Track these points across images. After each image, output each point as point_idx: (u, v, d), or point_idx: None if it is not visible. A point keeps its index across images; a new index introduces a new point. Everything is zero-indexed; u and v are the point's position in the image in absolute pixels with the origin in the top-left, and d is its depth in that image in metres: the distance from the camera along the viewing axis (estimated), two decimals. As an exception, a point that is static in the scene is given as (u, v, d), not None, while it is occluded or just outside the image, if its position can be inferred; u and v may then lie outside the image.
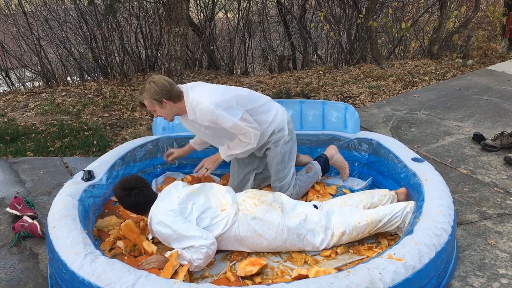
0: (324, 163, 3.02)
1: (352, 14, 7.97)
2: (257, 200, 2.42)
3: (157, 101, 2.49)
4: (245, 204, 2.40)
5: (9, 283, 2.30)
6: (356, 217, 2.40)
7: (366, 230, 2.39)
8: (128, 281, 1.80)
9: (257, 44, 10.13)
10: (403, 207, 2.43)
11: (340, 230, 2.37)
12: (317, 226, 2.37)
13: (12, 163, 3.70)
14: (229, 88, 2.63)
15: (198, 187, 2.45)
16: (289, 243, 2.36)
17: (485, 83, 5.69)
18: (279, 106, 2.80)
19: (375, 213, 2.41)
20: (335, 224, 2.39)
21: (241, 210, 2.36)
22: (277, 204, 2.42)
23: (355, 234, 2.39)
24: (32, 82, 7.78)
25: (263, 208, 2.37)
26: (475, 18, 7.87)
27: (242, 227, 2.32)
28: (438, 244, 2.03)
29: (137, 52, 7.58)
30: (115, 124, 4.72)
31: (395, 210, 2.41)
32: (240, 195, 2.49)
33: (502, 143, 3.73)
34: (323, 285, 1.77)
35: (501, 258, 2.41)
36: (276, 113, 2.72)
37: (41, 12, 7.29)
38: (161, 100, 2.48)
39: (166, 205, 2.28)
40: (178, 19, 4.36)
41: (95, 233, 2.54)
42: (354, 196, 2.67)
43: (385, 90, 5.68)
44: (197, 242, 2.16)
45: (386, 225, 2.40)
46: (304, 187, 2.91)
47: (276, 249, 2.39)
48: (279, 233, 2.33)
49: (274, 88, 6.00)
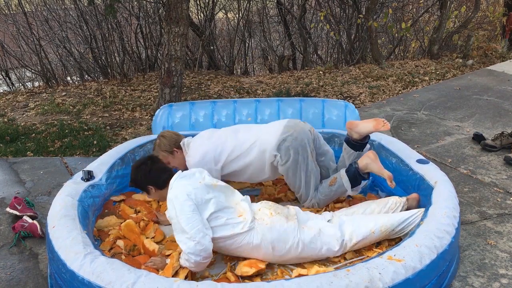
0: (354, 174, 2.70)
1: (352, 14, 7.97)
2: (273, 211, 2.35)
3: (168, 152, 2.83)
4: (261, 213, 2.33)
5: (9, 283, 2.30)
6: (370, 227, 2.33)
7: (379, 238, 2.37)
8: (128, 280, 1.80)
9: (257, 44, 10.13)
10: (416, 214, 2.39)
11: (354, 241, 2.30)
12: (333, 239, 2.30)
13: (12, 163, 3.70)
14: (213, 147, 2.75)
15: (221, 186, 2.39)
16: (303, 257, 2.29)
17: (485, 83, 5.69)
18: (268, 136, 2.74)
19: (389, 222, 2.35)
20: (348, 234, 2.31)
21: (257, 219, 2.30)
22: (291, 217, 2.35)
23: (368, 242, 2.35)
24: (32, 82, 7.79)
25: (279, 219, 2.30)
26: (475, 18, 7.86)
27: (257, 236, 2.25)
28: (439, 246, 2.02)
29: (137, 52, 7.59)
30: (115, 124, 4.72)
31: (408, 217, 2.37)
32: (256, 204, 2.43)
33: (502, 143, 3.73)
34: (322, 283, 1.77)
35: (501, 258, 2.41)
36: (257, 153, 2.73)
37: (41, 12, 7.29)
38: (172, 150, 2.82)
39: (186, 183, 2.26)
40: (178, 19, 4.36)
41: (95, 233, 2.54)
42: (364, 205, 2.59)
43: (385, 90, 5.68)
44: (187, 245, 2.09)
45: (397, 233, 2.38)
46: (324, 200, 2.78)
47: (288, 261, 2.31)
48: (294, 247, 2.25)
49: (274, 88, 6.00)
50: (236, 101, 3.47)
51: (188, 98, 5.52)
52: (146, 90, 6.04)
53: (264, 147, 2.73)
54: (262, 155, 2.73)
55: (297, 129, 2.72)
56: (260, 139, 2.76)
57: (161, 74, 4.68)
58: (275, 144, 2.70)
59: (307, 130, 2.76)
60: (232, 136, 2.81)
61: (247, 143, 2.76)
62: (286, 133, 2.70)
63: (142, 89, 6.09)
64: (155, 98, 5.40)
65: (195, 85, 6.33)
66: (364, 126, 2.73)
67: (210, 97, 5.62)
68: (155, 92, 5.83)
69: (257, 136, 2.77)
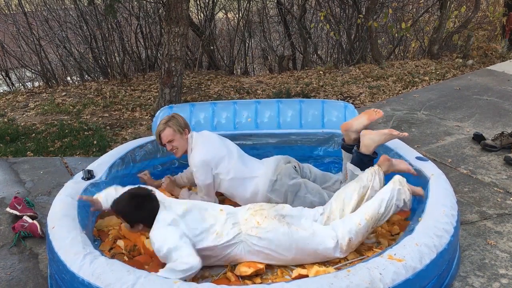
0: (359, 158, 2.72)
1: (352, 14, 7.97)
2: (259, 218, 2.30)
3: (179, 132, 2.76)
4: (247, 224, 2.29)
5: (9, 283, 2.30)
6: (355, 220, 2.30)
7: (369, 227, 2.32)
8: (128, 282, 1.79)
9: (257, 44, 10.13)
10: (391, 188, 2.35)
11: (346, 238, 2.28)
12: (327, 238, 2.27)
13: (12, 163, 3.69)
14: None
15: (190, 212, 2.31)
16: (299, 259, 2.28)
17: (485, 83, 5.69)
18: (263, 176, 2.72)
19: (371, 208, 2.33)
20: (340, 233, 2.29)
21: (244, 231, 2.26)
22: (281, 217, 2.32)
23: (361, 236, 2.32)
24: (32, 82, 7.79)
25: (267, 225, 2.26)
26: (475, 18, 7.86)
27: (246, 249, 2.24)
28: (439, 245, 2.02)
29: (137, 52, 7.59)
30: (115, 124, 4.72)
31: (386, 194, 2.33)
32: (242, 213, 2.37)
33: (502, 143, 3.73)
34: (323, 284, 1.77)
35: (501, 258, 2.41)
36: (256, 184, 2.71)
37: (41, 12, 7.30)
38: (183, 131, 2.77)
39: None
40: (178, 19, 4.36)
41: (95, 233, 2.54)
42: (346, 188, 2.53)
43: (385, 90, 5.68)
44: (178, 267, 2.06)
45: (386, 212, 2.33)
46: None
47: (286, 263, 2.29)
48: (287, 251, 2.24)
49: (274, 88, 6.00)
50: (236, 103, 3.46)
51: (188, 98, 5.52)
52: (146, 90, 6.04)
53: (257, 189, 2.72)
54: (255, 195, 2.73)
55: (282, 172, 2.71)
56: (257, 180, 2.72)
57: (161, 74, 4.68)
58: (268, 186, 2.69)
59: (291, 169, 2.75)
60: (237, 159, 2.76)
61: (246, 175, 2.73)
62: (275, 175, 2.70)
63: (142, 89, 6.09)
64: (155, 98, 5.40)
65: (195, 85, 6.33)
66: (358, 122, 2.75)
67: (210, 97, 5.62)
68: (155, 92, 5.83)
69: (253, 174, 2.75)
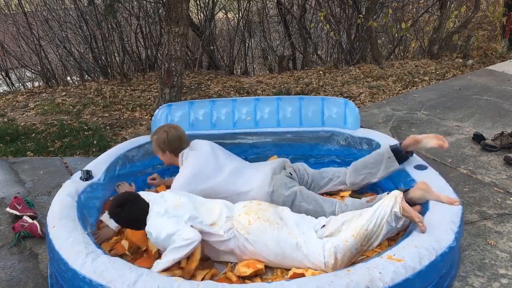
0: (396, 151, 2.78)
1: (352, 14, 7.97)
2: (252, 217, 2.28)
3: (161, 149, 2.87)
4: (239, 220, 2.28)
5: (9, 283, 2.30)
6: (342, 237, 2.17)
7: (358, 244, 2.16)
8: (130, 279, 1.80)
9: (257, 44, 10.13)
10: (385, 204, 2.19)
11: (332, 257, 2.13)
12: (315, 255, 2.17)
13: (12, 163, 3.69)
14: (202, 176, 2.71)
15: (185, 202, 2.32)
16: (286, 265, 2.24)
17: (485, 83, 5.69)
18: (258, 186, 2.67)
19: (358, 224, 2.19)
20: (327, 250, 2.15)
21: (235, 227, 2.26)
22: (275, 220, 2.27)
23: (349, 254, 2.16)
24: (32, 82, 7.79)
25: (257, 227, 2.24)
26: (475, 18, 7.86)
27: (236, 244, 2.25)
28: (438, 248, 2.01)
29: (137, 52, 7.59)
30: (115, 124, 4.72)
31: (376, 210, 2.19)
32: (238, 208, 2.37)
33: (502, 143, 3.73)
34: (323, 283, 1.78)
35: (501, 258, 2.41)
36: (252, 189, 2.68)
37: (41, 12, 7.29)
38: (165, 151, 2.86)
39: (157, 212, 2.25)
40: (178, 19, 4.36)
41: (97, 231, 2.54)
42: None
43: (385, 90, 5.68)
44: (180, 239, 2.09)
45: (376, 230, 2.18)
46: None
47: (277, 266, 2.28)
48: (274, 255, 2.22)
49: (274, 88, 6.00)
50: (235, 100, 3.46)
51: (188, 98, 5.52)
52: (146, 90, 6.04)
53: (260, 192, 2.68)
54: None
55: (277, 183, 2.66)
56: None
57: (161, 74, 4.68)
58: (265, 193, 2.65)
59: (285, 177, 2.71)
60: (228, 176, 2.73)
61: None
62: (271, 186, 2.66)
63: (142, 89, 6.09)
64: (155, 98, 5.40)
65: (195, 85, 6.33)
66: (426, 142, 2.76)
67: (210, 97, 5.62)
68: (155, 92, 5.83)
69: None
